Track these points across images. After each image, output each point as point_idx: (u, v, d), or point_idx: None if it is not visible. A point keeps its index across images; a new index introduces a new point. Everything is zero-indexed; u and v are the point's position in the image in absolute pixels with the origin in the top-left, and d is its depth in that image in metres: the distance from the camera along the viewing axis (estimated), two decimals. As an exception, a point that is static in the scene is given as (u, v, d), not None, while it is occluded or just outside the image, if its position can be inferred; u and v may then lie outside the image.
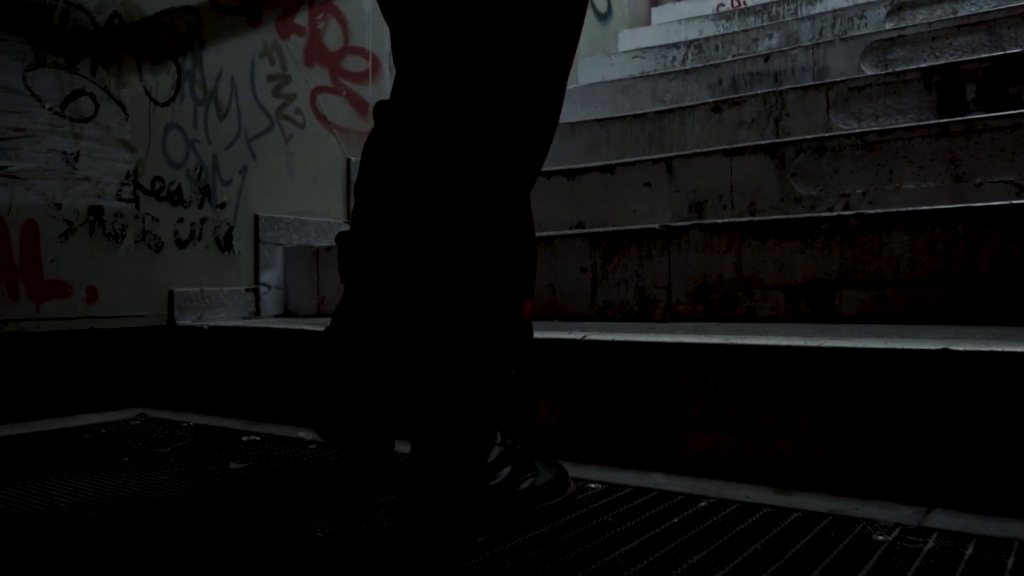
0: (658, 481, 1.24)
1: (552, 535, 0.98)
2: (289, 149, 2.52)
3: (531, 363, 1.44)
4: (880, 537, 0.95)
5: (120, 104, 2.08)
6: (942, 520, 1.01)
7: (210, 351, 2.07)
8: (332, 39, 2.69)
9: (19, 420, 1.87)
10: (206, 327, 2.09)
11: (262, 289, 2.42)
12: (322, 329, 1.18)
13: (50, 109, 1.94)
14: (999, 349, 1.05)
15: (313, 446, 1.57)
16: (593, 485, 1.22)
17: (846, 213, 1.51)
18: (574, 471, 1.26)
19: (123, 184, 2.08)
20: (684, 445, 1.28)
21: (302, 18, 2.58)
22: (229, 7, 2.35)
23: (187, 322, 2.18)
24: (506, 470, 1.04)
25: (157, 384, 2.12)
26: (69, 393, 1.97)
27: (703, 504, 1.11)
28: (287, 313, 2.47)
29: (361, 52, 2.79)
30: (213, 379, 2.06)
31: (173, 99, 2.20)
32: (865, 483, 1.13)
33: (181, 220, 2.22)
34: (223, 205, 2.33)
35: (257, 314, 2.41)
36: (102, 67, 2.04)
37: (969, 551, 0.90)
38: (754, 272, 1.62)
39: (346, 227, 2.71)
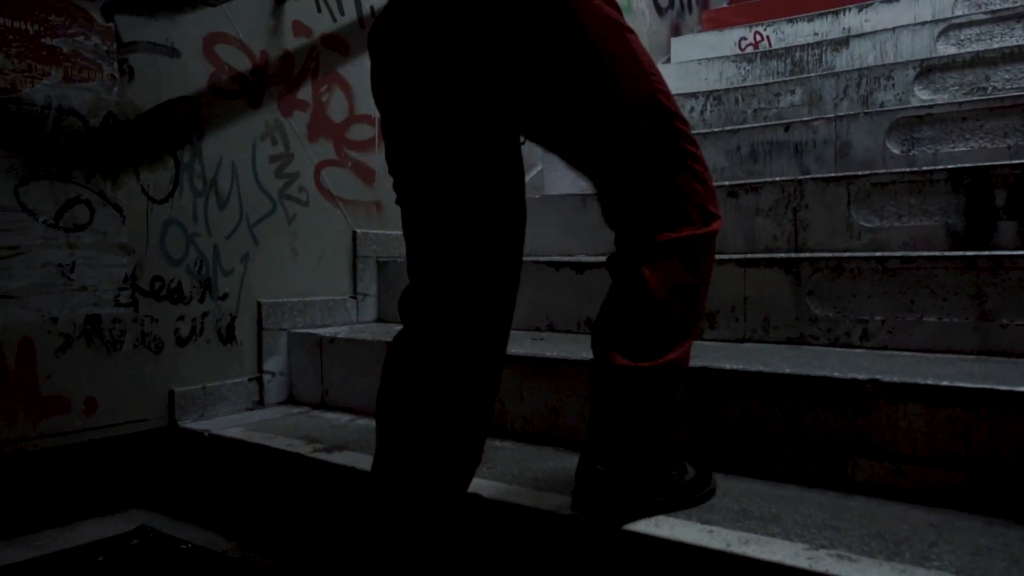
0: None
1: None
2: (292, 229, 2.47)
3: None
4: None
5: (116, 207, 2.03)
6: None
7: (210, 460, 2.04)
8: (337, 110, 2.62)
9: (17, 535, 1.86)
10: (206, 434, 2.06)
11: (266, 377, 2.39)
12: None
13: (44, 222, 1.90)
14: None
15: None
16: None
17: (861, 378, 1.43)
18: None
19: (121, 289, 2.04)
20: None
21: (305, 92, 2.51)
22: (229, 91, 2.29)
23: (189, 422, 2.16)
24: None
25: (159, 487, 2.10)
26: (69, 502, 1.95)
27: None
28: (291, 400, 2.44)
29: (367, 119, 2.71)
30: (213, 489, 2.03)
31: (172, 194, 2.15)
32: None
33: (181, 317, 2.18)
34: (225, 296, 2.28)
35: (261, 403, 2.37)
36: (98, 172, 1.99)
37: None
38: (764, 422, 1.54)
39: (352, 301, 2.66)
